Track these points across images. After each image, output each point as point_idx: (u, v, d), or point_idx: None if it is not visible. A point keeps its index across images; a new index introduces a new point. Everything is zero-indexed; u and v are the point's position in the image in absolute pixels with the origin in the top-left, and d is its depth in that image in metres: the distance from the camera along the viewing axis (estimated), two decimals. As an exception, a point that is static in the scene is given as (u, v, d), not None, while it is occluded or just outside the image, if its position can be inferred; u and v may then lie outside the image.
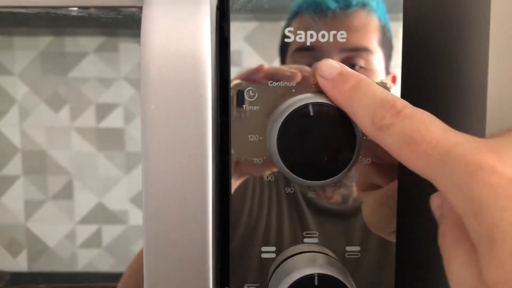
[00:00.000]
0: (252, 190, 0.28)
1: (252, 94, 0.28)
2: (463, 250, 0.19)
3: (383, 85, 0.29)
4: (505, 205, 0.17)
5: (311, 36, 0.28)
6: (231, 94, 0.28)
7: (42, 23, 0.71)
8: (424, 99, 0.38)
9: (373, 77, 0.29)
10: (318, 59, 0.29)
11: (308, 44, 0.28)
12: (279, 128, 0.27)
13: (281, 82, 0.28)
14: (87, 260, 0.78)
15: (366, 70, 0.29)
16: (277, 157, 0.27)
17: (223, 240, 0.29)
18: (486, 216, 0.18)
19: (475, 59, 0.30)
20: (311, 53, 0.29)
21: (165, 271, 0.24)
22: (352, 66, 0.29)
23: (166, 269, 0.24)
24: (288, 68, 0.29)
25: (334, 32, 0.28)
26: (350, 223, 0.30)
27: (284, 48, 0.28)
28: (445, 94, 0.34)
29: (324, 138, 0.27)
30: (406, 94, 0.29)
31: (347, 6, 0.28)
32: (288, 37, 0.28)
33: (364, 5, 0.28)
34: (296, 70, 0.28)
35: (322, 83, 0.26)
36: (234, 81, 0.28)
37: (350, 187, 0.29)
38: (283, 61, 0.28)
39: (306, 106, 0.27)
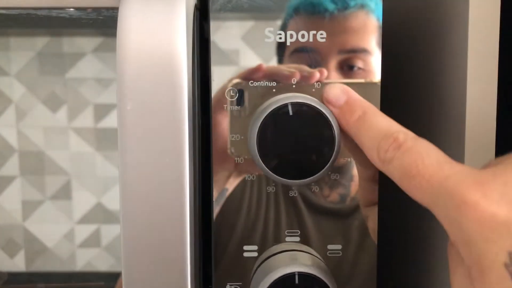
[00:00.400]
0: (234, 190, 0.28)
1: (233, 94, 0.28)
2: (463, 268, 0.20)
3: (370, 84, 0.29)
4: (490, 237, 0.18)
5: (303, 36, 0.28)
6: (226, 93, 0.28)
7: (38, 23, 0.71)
8: (404, 101, 0.38)
9: (372, 77, 0.29)
10: (317, 60, 0.29)
11: (301, 44, 0.28)
12: (259, 128, 0.27)
13: (262, 82, 0.28)
14: (86, 260, 0.79)
15: (365, 71, 0.29)
16: (257, 156, 0.27)
17: (206, 240, 0.29)
18: (474, 247, 0.19)
19: (454, 61, 0.30)
20: (310, 55, 0.29)
21: (143, 271, 0.24)
22: (351, 67, 0.29)
23: (144, 269, 0.24)
24: (287, 68, 0.29)
25: (332, 32, 0.28)
26: (332, 221, 0.30)
27: (281, 49, 0.28)
28: (425, 97, 0.34)
29: (304, 138, 0.27)
30: (385, 95, 0.29)
31: (345, 7, 0.28)
32: (280, 38, 0.28)
33: (362, 6, 0.28)
34: (295, 69, 0.28)
35: (331, 108, 0.27)
36: (233, 80, 0.28)
37: (331, 185, 0.29)
38: (279, 61, 0.28)
39: (285, 105, 0.27)
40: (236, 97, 0.28)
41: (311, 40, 0.28)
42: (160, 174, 0.23)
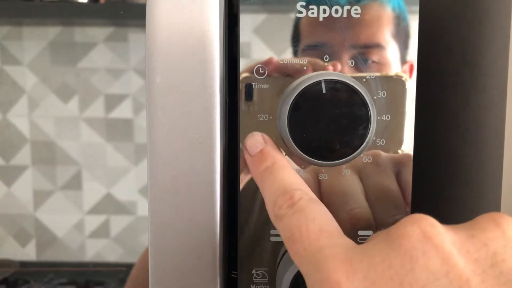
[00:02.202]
0: (261, 172, 0.27)
1: (262, 71, 0.27)
2: None
3: (398, 78, 0.28)
4: None
5: (336, 11, 0.27)
6: (240, 87, 0.27)
7: (50, 12, 0.71)
8: (439, 93, 0.37)
9: (388, 70, 0.28)
10: (330, 54, 0.28)
11: (321, 19, 0.27)
12: (290, 106, 0.26)
13: (292, 59, 0.27)
14: (96, 250, 0.79)
15: (380, 65, 0.28)
16: (287, 136, 0.26)
17: (232, 224, 0.28)
18: None
19: (495, 56, 0.29)
20: (324, 49, 0.28)
21: (171, 255, 0.23)
22: (365, 61, 0.28)
23: (173, 252, 0.23)
24: (299, 61, 0.28)
25: (348, 7, 0.27)
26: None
27: (296, 26, 0.27)
28: (463, 91, 0.33)
29: (337, 117, 0.26)
30: (421, 85, 0.28)
31: (357, 0, 0.27)
32: (300, 12, 0.27)
33: (375, -3, 0.27)
34: (307, 63, 0.28)
35: (246, 156, 0.26)
36: (243, 74, 0.27)
37: (362, 168, 0.28)
38: (295, 54, 0.27)
39: (318, 83, 0.26)
40: (265, 75, 0.27)
41: (345, 15, 0.27)
42: (189, 149, 0.22)
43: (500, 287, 0.17)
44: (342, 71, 0.27)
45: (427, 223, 0.19)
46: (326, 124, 0.26)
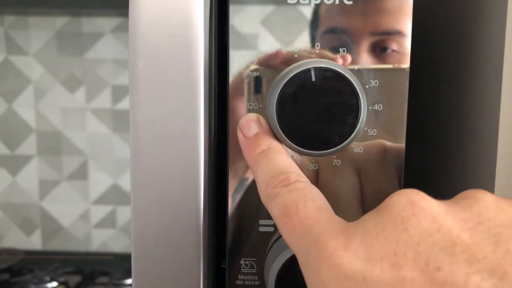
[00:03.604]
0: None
1: (252, 60, 0.26)
2: None
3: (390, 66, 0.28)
4: (346, 286, 0.18)
5: None
6: (247, 81, 0.27)
7: (58, 2, 0.70)
8: (433, 88, 0.36)
9: (404, 61, 0.28)
10: (348, 42, 0.27)
11: (312, 6, 0.27)
12: (279, 94, 0.25)
13: (283, 46, 0.27)
14: (101, 240, 0.79)
15: (398, 54, 0.28)
16: (276, 125, 0.25)
17: (220, 214, 0.28)
18: None
19: (490, 57, 0.28)
20: (341, 36, 0.27)
21: (154, 243, 0.23)
22: (384, 49, 0.27)
23: (156, 240, 0.23)
24: (307, 54, 0.27)
25: (365, 14, 0.26)
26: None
27: (289, 13, 0.27)
28: (459, 86, 0.33)
29: (327, 106, 0.25)
30: (414, 79, 0.28)
31: None
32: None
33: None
34: (315, 56, 0.27)
35: (240, 137, 0.26)
36: (250, 67, 0.27)
37: (353, 159, 0.28)
38: (312, 42, 0.27)
39: (308, 70, 0.25)
40: (255, 63, 0.27)
41: (337, 2, 0.26)
42: (173, 136, 0.21)
43: (489, 239, 0.18)
44: (359, 59, 0.26)
45: (412, 192, 0.19)
46: (315, 113, 0.26)
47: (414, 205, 0.19)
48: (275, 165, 0.24)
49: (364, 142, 0.27)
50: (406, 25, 0.27)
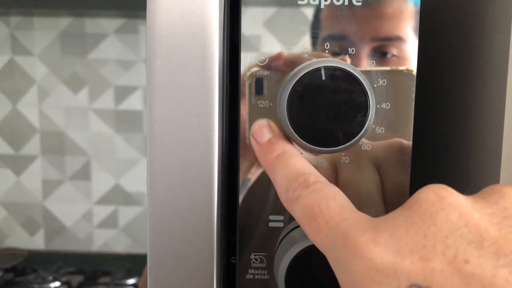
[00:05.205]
0: (260, 158, 0.28)
1: (263, 58, 0.27)
2: None
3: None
4: (377, 279, 0.19)
5: None
6: (258, 80, 0.27)
7: (62, 3, 0.71)
8: (440, 92, 0.37)
9: (407, 64, 0.28)
10: (349, 46, 0.28)
11: (322, 7, 0.27)
12: (289, 93, 0.26)
13: (294, 46, 0.27)
14: (104, 241, 0.79)
15: (399, 58, 0.28)
16: (286, 123, 0.26)
17: (230, 209, 0.29)
18: None
19: (496, 56, 0.28)
20: (344, 43, 0.28)
21: (169, 238, 0.23)
22: (384, 54, 0.28)
23: (171, 236, 0.23)
24: (308, 57, 0.28)
25: (364, 19, 0.27)
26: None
27: (300, 16, 0.27)
28: (463, 90, 0.33)
29: (336, 104, 0.26)
30: (421, 85, 0.28)
31: None
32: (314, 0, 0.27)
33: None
34: (315, 58, 0.28)
35: (253, 143, 0.27)
36: (252, 69, 0.27)
37: (361, 156, 0.28)
38: (313, 46, 0.27)
39: (318, 69, 0.26)
40: (266, 62, 0.27)
41: (346, 3, 0.27)
42: (188, 132, 0.22)
43: None
44: (360, 64, 0.27)
45: (440, 187, 0.20)
46: (325, 111, 0.26)
47: (443, 200, 0.19)
48: (292, 169, 0.24)
49: (372, 140, 0.28)
50: (414, 29, 0.28)
